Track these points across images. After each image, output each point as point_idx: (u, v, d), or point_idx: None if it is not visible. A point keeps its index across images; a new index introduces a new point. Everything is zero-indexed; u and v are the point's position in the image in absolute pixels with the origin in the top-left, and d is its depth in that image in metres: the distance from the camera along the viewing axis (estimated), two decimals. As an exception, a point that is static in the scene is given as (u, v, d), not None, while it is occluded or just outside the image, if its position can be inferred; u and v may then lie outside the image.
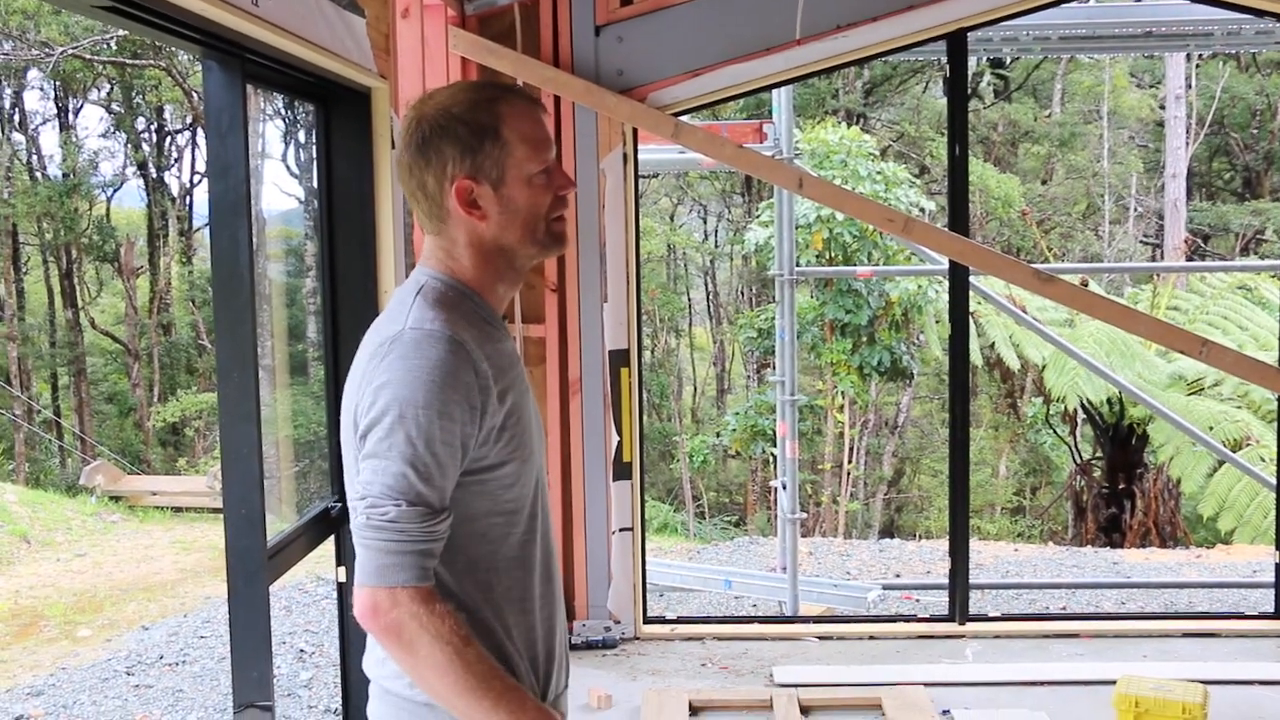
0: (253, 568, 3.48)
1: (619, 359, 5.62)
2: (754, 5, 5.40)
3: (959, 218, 5.55)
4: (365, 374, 1.84)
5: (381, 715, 1.96)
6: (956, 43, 5.52)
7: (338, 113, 4.21)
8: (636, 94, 5.48)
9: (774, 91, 6.98)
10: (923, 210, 11.81)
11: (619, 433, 5.64)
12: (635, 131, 5.62)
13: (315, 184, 4.26)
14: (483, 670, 1.77)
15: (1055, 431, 14.08)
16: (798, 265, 10.86)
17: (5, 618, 8.26)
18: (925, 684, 4.95)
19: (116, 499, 12.05)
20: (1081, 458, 13.27)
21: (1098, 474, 12.60)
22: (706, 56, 5.48)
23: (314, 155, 4.27)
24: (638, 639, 5.67)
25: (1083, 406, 11.81)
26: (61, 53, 18.62)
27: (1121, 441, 11.96)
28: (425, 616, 1.75)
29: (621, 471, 5.66)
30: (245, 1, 3.01)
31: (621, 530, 5.66)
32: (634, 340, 5.65)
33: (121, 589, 8.80)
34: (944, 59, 5.69)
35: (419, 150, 1.90)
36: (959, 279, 5.59)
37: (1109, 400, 11.45)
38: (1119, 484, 11.99)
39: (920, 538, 15.33)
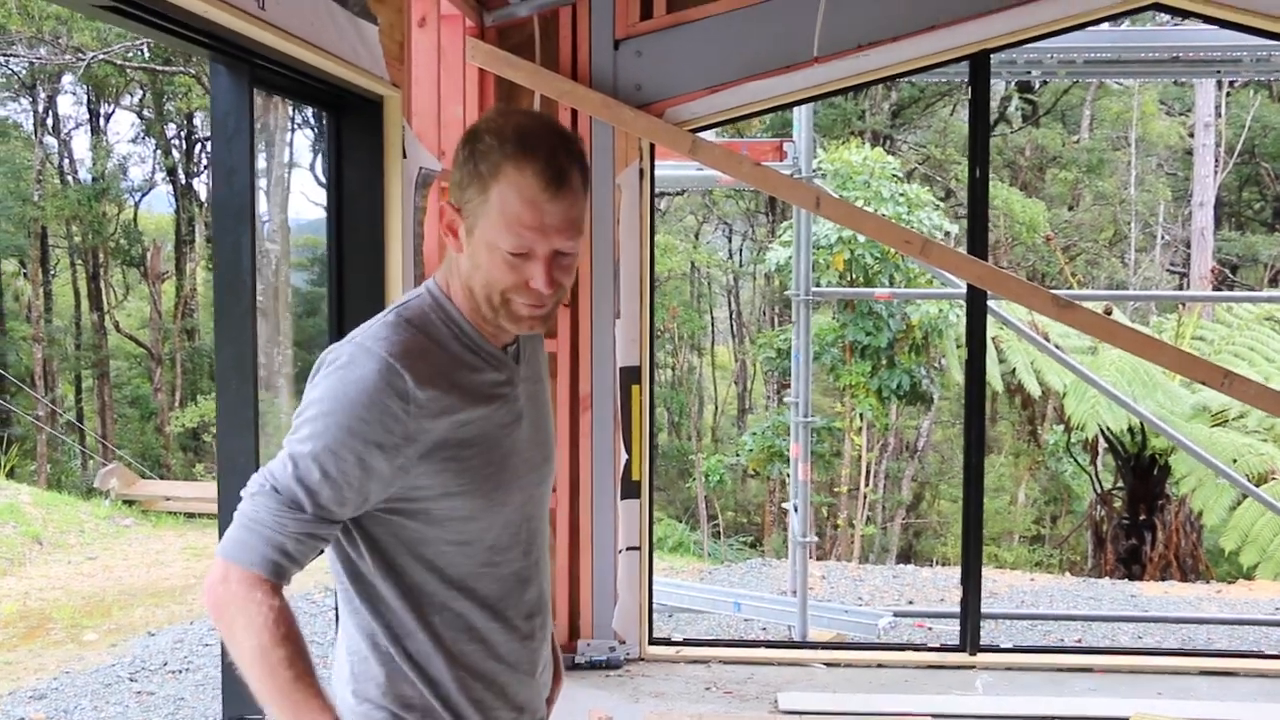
0: (246, 579, 3.43)
1: (630, 376, 5.57)
2: (774, 22, 5.36)
3: (978, 241, 5.48)
4: (310, 378, 1.82)
5: None
6: (979, 65, 5.47)
7: (349, 120, 4.18)
8: (654, 109, 5.44)
9: (795, 110, 6.92)
10: (947, 234, 11.72)
11: (628, 450, 5.58)
12: (652, 147, 5.57)
13: (325, 191, 4.22)
14: (286, 675, 1.72)
15: (1076, 460, 13.93)
16: (819, 286, 10.82)
17: (13, 619, 8.25)
18: (933, 715, 4.87)
19: (130, 503, 12.06)
20: (1102, 487, 13.13)
21: (1118, 504, 12.45)
22: (726, 73, 5.43)
23: (325, 162, 4.25)
24: (642, 660, 5.60)
25: (1104, 435, 11.67)
26: (93, 58, 18.74)
27: (1143, 472, 11.81)
28: (245, 600, 1.72)
29: (630, 490, 5.60)
30: (251, 5, 2.97)
31: (629, 549, 5.60)
32: (646, 357, 5.59)
33: (130, 593, 8.77)
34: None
35: (454, 162, 1.87)
36: (976, 303, 5.51)
37: (1130, 429, 11.31)
38: (1140, 515, 11.84)
39: (938, 564, 15.21)
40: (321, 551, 1.85)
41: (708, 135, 5.84)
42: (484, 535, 1.88)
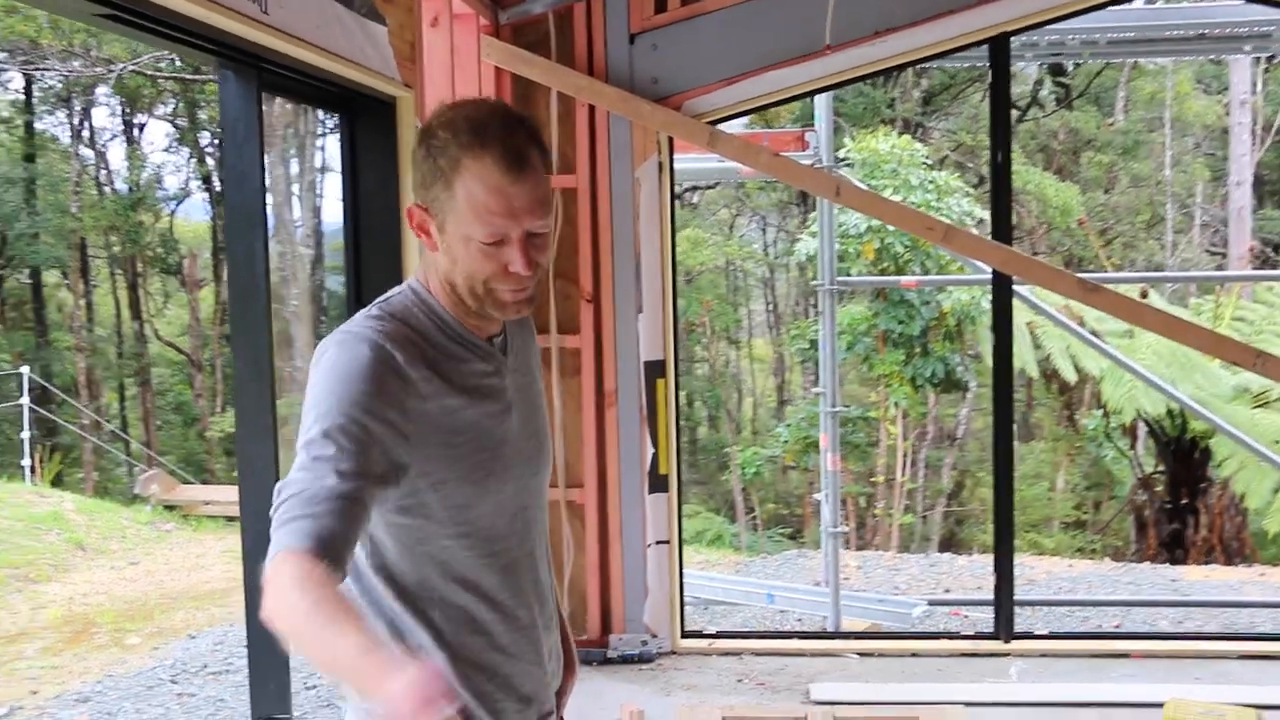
0: (269, 580, 3.46)
1: (655, 370, 5.57)
2: (789, 12, 5.33)
3: (1002, 226, 5.43)
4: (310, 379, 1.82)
5: None
6: (999, 48, 5.42)
7: (363, 122, 4.20)
8: (671, 102, 5.43)
9: (815, 99, 6.89)
10: (980, 220, 11.62)
11: (655, 445, 5.58)
12: (671, 140, 5.56)
13: (341, 192, 4.25)
14: (333, 610, 1.55)
15: (1116, 445, 13.79)
16: (849, 275, 10.78)
17: (58, 624, 8.35)
18: (966, 704, 4.82)
19: (171, 508, 12.19)
20: (1143, 471, 12.99)
21: (1160, 488, 12.32)
22: (742, 63, 5.42)
23: (340, 164, 4.27)
24: (674, 653, 5.60)
25: (1143, 419, 11.55)
26: (122, 69, 18.93)
27: (1184, 455, 11.68)
28: (283, 563, 1.58)
29: (658, 484, 5.60)
30: (254, 10, 2.99)
31: (658, 543, 5.60)
32: (670, 351, 5.59)
33: (171, 597, 8.86)
34: (1014, 65, 5.56)
35: (412, 161, 1.87)
36: (1002, 289, 5.47)
37: (1170, 412, 11.18)
38: (1182, 499, 11.71)
39: (978, 551, 15.10)
40: (367, 519, 1.71)
41: (734, 125, 5.83)
42: (480, 525, 1.88)
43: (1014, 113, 21.39)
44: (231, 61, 3.25)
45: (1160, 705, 4.58)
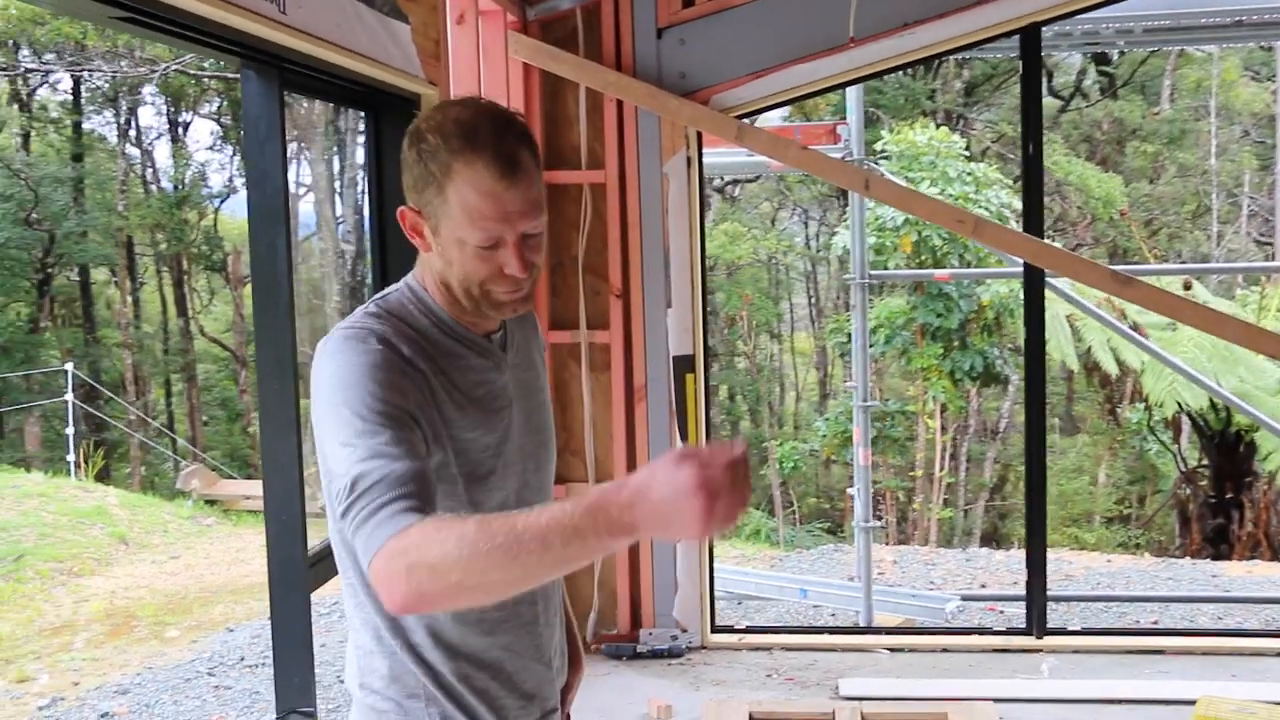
0: (294, 575, 3.49)
1: (684, 365, 5.56)
2: (816, 5, 5.30)
3: (1034, 218, 5.38)
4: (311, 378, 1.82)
5: None
6: (1030, 38, 5.36)
7: (387, 120, 4.22)
8: (699, 96, 5.41)
9: (846, 91, 6.86)
10: (1018, 213, 11.53)
11: (684, 439, 5.57)
12: (699, 135, 5.55)
13: (366, 188, 4.27)
14: (500, 523, 1.50)
15: (1159, 438, 13.64)
16: (886, 268, 10.72)
17: (101, 617, 8.49)
18: (996, 699, 4.79)
19: (212, 502, 12.33)
20: (1186, 465, 12.84)
21: (1204, 482, 12.17)
22: (770, 57, 5.39)
23: (365, 161, 4.30)
24: (704, 648, 5.60)
25: (1186, 412, 11.42)
26: (167, 68, 19.14)
27: (1228, 448, 11.53)
28: (417, 535, 1.54)
29: (687, 479, 5.57)
30: (272, 10, 3.01)
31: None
32: (699, 346, 5.58)
33: (211, 591, 8.97)
34: (1051, 57, 5.51)
35: (401, 162, 1.85)
36: (1034, 282, 5.42)
37: (1214, 405, 11.04)
38: (1226, 493, 11.56)
39: (1019, 546, 14.99)
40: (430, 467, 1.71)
41: (772, 117, 5.80)
42: None
43: (1057, 103, 21.20)
44: (252, 61, 3.27)
45: (1193, 702, 4.53)
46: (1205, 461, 12.35)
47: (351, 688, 1.95)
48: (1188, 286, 10.84)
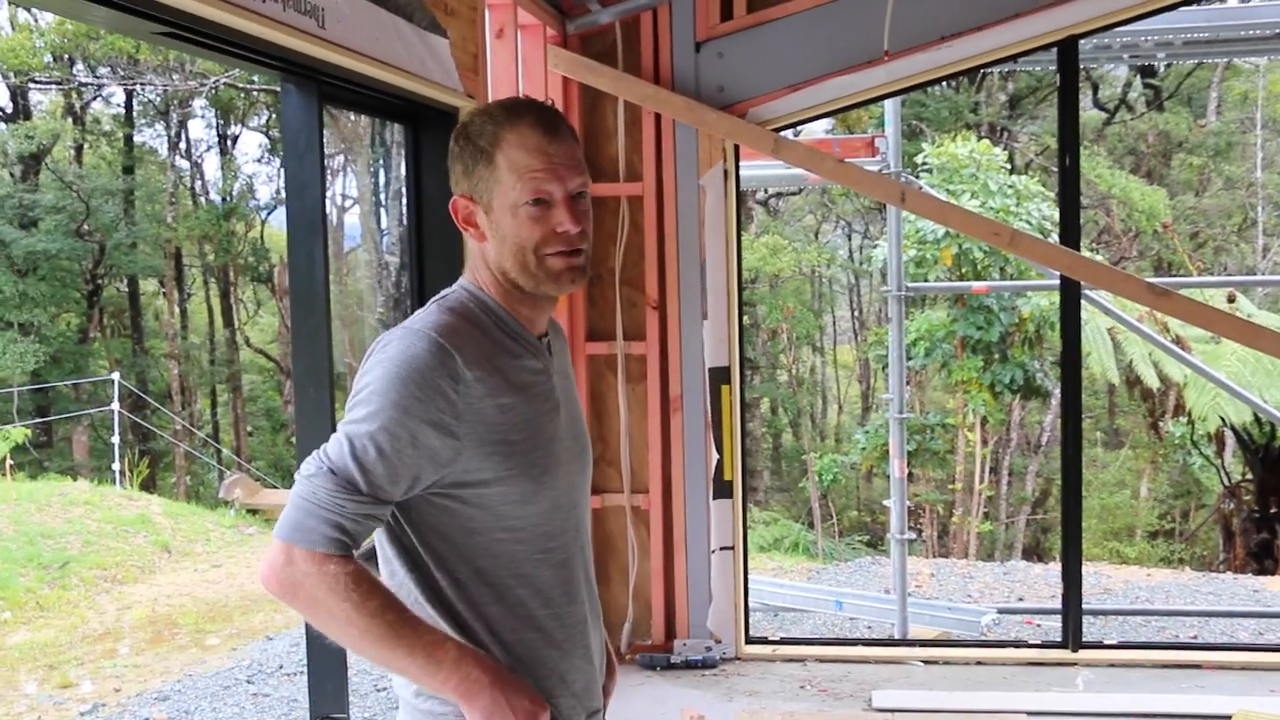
0: (329, 580, 3.54)
1: (719, 376, 5.58)
2: (855, 18, 5.32)
3: (1070, 230, 5.37)
4: (361, 368, 1.87)
5: None
6: (1067, 51, 5.35)
7: (426, 133, 4.28)
8: (737, 109, 5.45)
9: (885, 105, 6.87)
10: (1058, 225, 11.47)
11: (719, 451, 5.59)
12: (737, 148, 5.58)
13: (405, 200, 4.33)
14: (390, 618, 1.77)
15: (1202, 452, 13.51)
16: (926, 280, 10.69)
17: (143, 624, 8.59)
18: (1030, 713, 4.78)
19: (254, 512, 12.46)
20: (1230, 479, 12.70)
21: (1248, 497, 12.03)
22: (807, 70, 5.42)
23: (404, 173, 4.36)
24: (738, 659, 5.61)
25: (1230, 426, 11.31)
26: (217, 82, 19.39)
27: (1273, 463, 11.41)
28: (317, 576, 1.75)
29: (722, 490, 5.61)
30: (310, 25, 3.07)
31: (722, 549, 5.61)
32: (735, 357, 5.61)
33: (251, 599, 9.07)
34: (1096, 69, 5.50)
35: (448, 158, 1.96)
36: (1070, 294, 5.41)
37: (1258, 419, 10.93)
38: (1270, 507, 11.44)
39: (1058, 560, 14.87)
40: (373, 530, 1.89)
41: (816, 128, 5.81)
42: (534, 521, 1.92)
43: (1102, 115, 21.06)
44: (292, 75, 3.34)
45: (1229, 717, 4.50)
46: (1249, 476, 12.21)
47: (404, 693, 1.96)
48: (1231, 299, 10.75)
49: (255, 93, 21.93)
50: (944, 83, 18.10)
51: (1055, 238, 9.63)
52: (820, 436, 24.35)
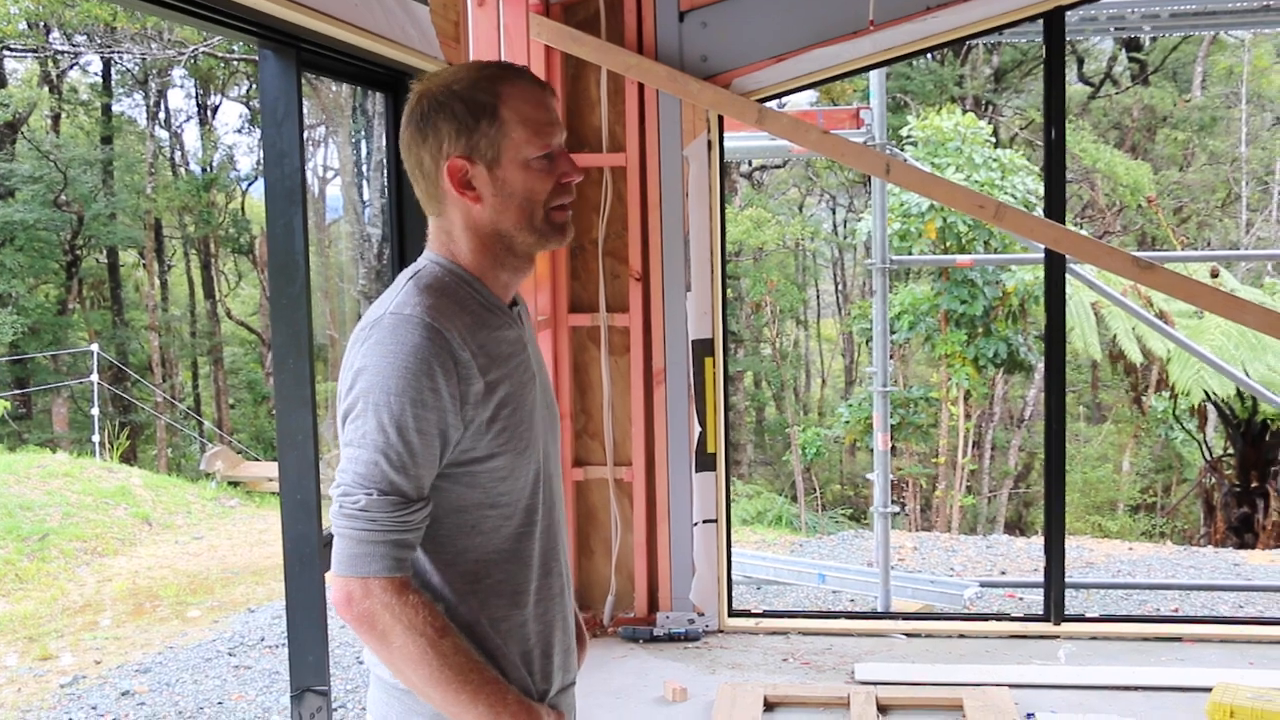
0: (308, 553, 3.52)
1: (703, 348, 5.55)
2: (839, -13, 5.27)
3: (1055, 204, 5.35)
4: (347, 358, 1.82)
5: (374, 702, 1.96)
6: (1054, 23, 5.31)
7: (406, 101, 4.22)
8: (720, 80, 5.40)
9: (869, 76, 6.83)
10: (1042, 198, 11.46)
11: (702, 423, 5.57)
12: (721, 118, 5.53)
13: (385, 170, 4.28)
14: (459, 662, 1.75)
15: (1184, 427, 13.56)
16: (910, 254, 10.67)
17: (123, 597, 8.56)
18: (1011, 685, 4.78)
19: (235, 484, 12.41)
20: (1212, 454, 12.75)
21: (1229, 471, 12.09)
22: (791, 41, 5.36)
23: (384, 142, 4.30)
24: (721, 632, 5.60)
25: (1212, 401, 11.34)
26: (195, 51, 19.20)
27: (1254, 437, 11.45)
28: (398, 607, 1.73)
29: (705, 463, 5.59)
30: (288, -10, 3.02)
31: (705, 522, 5.60)
32: (718, 330, 5.57)
33: (232, 572, 9.04)
34: (1082, 43, 5.46)
35: (418, 127, 1.87)
36: (1055, 268, 5.39)
37: (1240, 394, 10.96)
38: (1251, 482, 11.49)
39: (1040, 534, 14.93)
40: None
41: (799, 99, 5.77)
42: (520, 495, 1.90)
43: (1087, 89, 21.04)
44: (270, 41, 3.28)
45: (1209, 689, 4.51)
46: (1231, 450, 12.27)
47: (378, 671, 1.92)
48: (1215, 274, 10.77)
49: (235, 62, 21.72)
50: (929, 55, 18.06)
51: (1040, 211, 9.64)
52: (804, 410, 24.38)
